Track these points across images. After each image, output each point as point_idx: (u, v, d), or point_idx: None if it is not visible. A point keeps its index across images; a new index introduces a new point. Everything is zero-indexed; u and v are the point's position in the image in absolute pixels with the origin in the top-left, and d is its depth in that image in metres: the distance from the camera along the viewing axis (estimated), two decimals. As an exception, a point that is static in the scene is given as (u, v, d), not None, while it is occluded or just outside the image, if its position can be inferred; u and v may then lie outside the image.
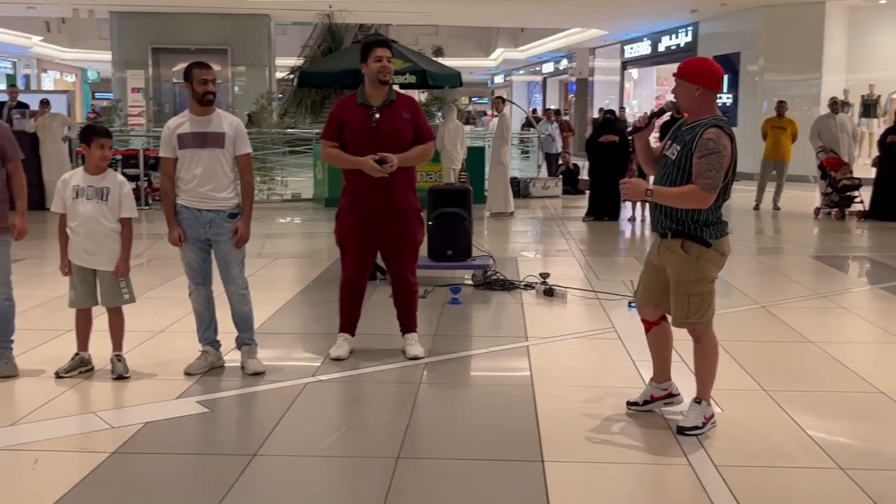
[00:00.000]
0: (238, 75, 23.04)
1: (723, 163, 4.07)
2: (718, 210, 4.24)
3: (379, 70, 5.32)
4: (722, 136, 4.09)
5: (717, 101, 4.27)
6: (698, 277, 4.25)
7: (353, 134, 5.35)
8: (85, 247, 5.11)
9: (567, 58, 34.33)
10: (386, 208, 5.40)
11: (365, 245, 5.53)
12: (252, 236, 5.34)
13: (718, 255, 4.25)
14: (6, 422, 4.51)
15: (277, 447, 4.18)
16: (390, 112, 5.38)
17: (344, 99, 5.61)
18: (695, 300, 4.26)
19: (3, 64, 33.19)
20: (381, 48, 5.37)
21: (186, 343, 5.56)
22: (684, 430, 4.29)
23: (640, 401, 4.69)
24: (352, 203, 5.48)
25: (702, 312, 4.29)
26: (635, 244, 11.58)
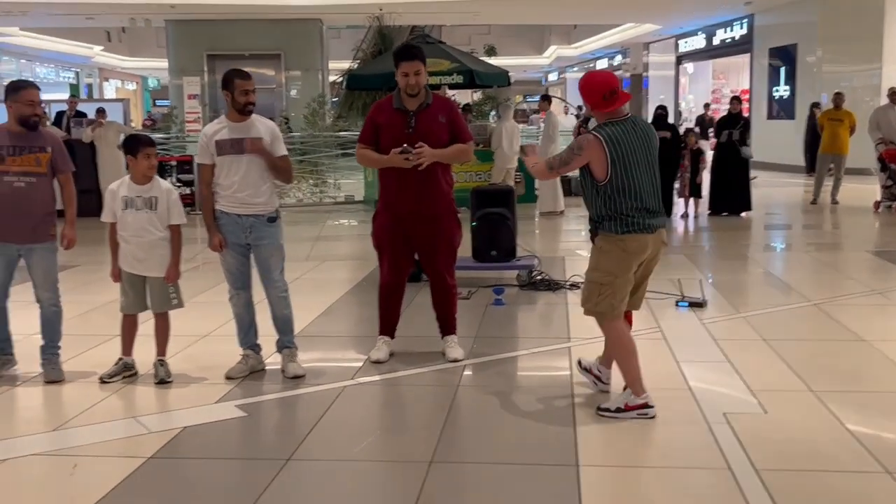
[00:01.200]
0: (292, 80, 23.28)
1: (570, 160, 4.47)
2: (622, 207, 4.40)
3: (405, 85, 5.29)
4: (588, 138, 4.41)
5: (615, 108, 4.47)
6: (595, 265, 4.54)
7: (390, 139, 5.33)
8: (135, 254, 5.19)
9: (621, 53, 34.00)
10: (421, 209, 5.38)
11: (401, 247, 5.51)
12: (301, 239, 5.38)
13: (618, 249, 4.44)
14: (49, 427, 4.60)
15: (312, 451, 4.19)
16: (426, 116, 5.34)
17: (381, 102, 5.58)
18: (590, 287, 4.55)
19: (66, 73, 34.01)
20: (406, 62, 5.28)
21: (229, 347, 5.60)
22: (599, 408, 4.56)
23: (583, 364, 5.00)
24: (387, 204, 5.48)
25: (594, 301, 4.52)
26: (687, 241, 11.39)
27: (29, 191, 5.19)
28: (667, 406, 4.71)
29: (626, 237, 4.40)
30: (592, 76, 4.60)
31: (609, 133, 4.39)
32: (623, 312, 4.60)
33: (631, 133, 4.42)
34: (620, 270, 4.45)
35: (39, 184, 5.23)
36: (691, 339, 6.08)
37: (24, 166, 5.17)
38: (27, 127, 5.19)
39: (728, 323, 6.52)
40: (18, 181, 5.17)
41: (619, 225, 4.40)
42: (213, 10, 20.73)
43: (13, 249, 5.25)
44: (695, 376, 5.18)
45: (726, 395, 4.93)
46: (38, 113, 5.24)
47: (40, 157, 5.21)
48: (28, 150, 5.18)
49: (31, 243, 5.24)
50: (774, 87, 22.02)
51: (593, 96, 4.43)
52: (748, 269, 9.18)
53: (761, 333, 6.12)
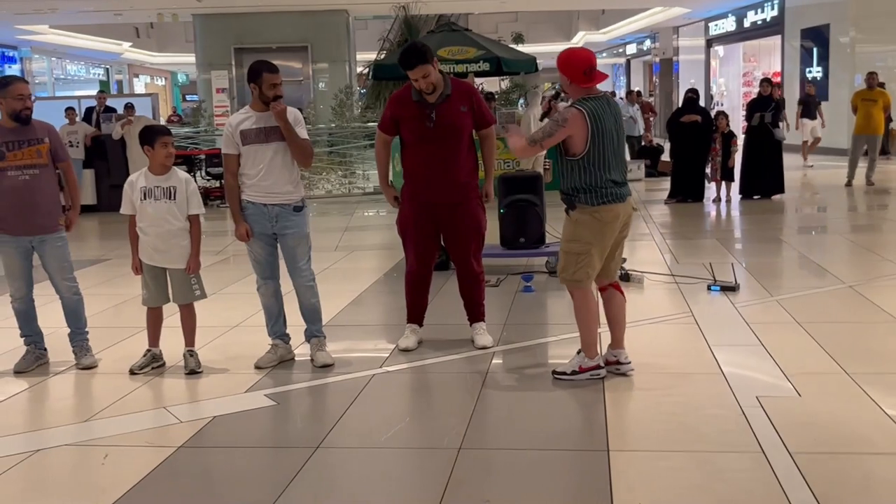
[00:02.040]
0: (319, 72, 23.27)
1: (555, 131, 4.61)
2: (596, 179, 4.63)
3: (420, 89, 5.23)
4: (572, 111, 4.60)
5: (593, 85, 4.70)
6: (572, 237, 4.73)
7: (410, 131, 5.33)
8: (155, 246, 5.21)
9: (650, 38, 33.66)
10: (445, 195, 5.34)
11: (426, 234, 5.48)
12: (330, 230, 5.38)
13: (594, 220, 4.66)
14: (81, 418, 4.64)
15: (341, 439, 4.18)
16: (446, 108, 5.26)
17: (399, 92, 5.48)
18: (567, 258, 4.75)
19: (96, 70, 34.32)
20: (412, 70, 5.17)
21: (259, 337, 5.61)
22: (554, 372, 4.88)
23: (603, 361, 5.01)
24: (411, 191, 5.45)
25: (572, 271, 4.74)
26: (719, 226, 11.26)
27: (34, 183, 5.26)
28: (699, 390, 4.67)
29: (601, 208, 4.65)
30: (574, 52, 4.81)
31: (590, 108, 4.61)
32: (593, 279, 4.84)
33: (606, 109, 4.67)
34: (597, 240, 4.69)
35: (43, 174, 5.30)
36: (724, 323, 6.01)
37: (27, 159, 5.24)
38: (19, 121, 5.24)
39: (761, 306, 6.43)
40: (23, 175, 5.23)
41: (594, 197, 4.64)
42: (240, 4, 20.76)
43: (26, 242, 5.32)
44: (727, 360, 5.11)
45: (760, 378, 4.86)
46: (29, 106, 5.27)
47: (40, 148, 5.28)
48: (27, 144, 5.24)
49: (41, 234, 5.31)
50: (807, 68, 21.70)
51: (575, 71, 4.64)
52: (781, 252, 9.06)
53: (795, 316, 6.02)
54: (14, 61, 28.09)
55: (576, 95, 4.71)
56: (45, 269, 5.42)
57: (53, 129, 5.56)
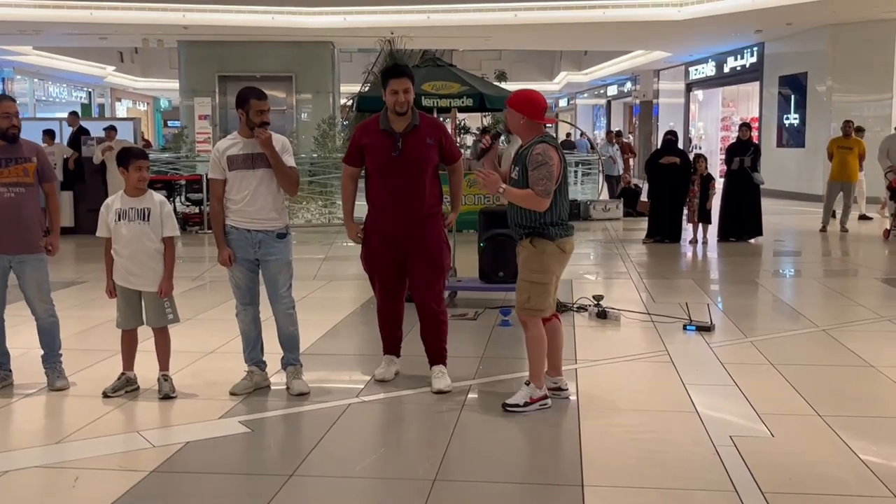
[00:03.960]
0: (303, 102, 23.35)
1: (552, 172, 4.74)
2: (560, 214, 4.86)
3: (395, 103, 5.18)
4: (548, 149, 4.77)
5: (542, 126, 4.96)
6: (541, 268, 4.86)
7: (376, 161, 5.27)
8: (129, 268, 5.19)
9: (631, 80, 34.07)
10: (408, 227, 5.25)
11: (391, 267, 5.38)
12: (309, 259, 5.37)
13: (560, 251, 4.88)
14: (52, 439, 4.59)
15: (315, 467, 4.16)
16: (413, 138, 5.22)
17: (366, 123, 5.48)
18: (536, 288, 4.87)
19: (78, 93, 34.24)
20: (396, 80, 5.19)
21: (234, 364, 5.59)
22: (506, 405, 4.91)
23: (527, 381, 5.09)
24: (374, 223, 5.37)
25: (539, 301, 4.87)
26: (696, 267, 11.35)
27: (19, 201, 5.25)
28: (673, 428, 4.69)
29: (565, 240, 4.90)
30: (533, 92, 5.01)
31: (556, 144, 4.87)
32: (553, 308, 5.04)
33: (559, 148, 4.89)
34: (560, 270, 4.95)
35: (28, 194, 5.30)
36: (699, 363, 6.04)
37: (13, 177, 5.24)
38: (6, 139, 5.25)
39: (736, 347, 6.48)
40: (8, 192, 5.22)
41: (560, 230, 4.86)
42: (226, 32, 20.84)
43: (5, 261, 5.29)
44: (702, 399, 5.14)
45: (733, 418, 4.88)
46: (16, 124, 5.28)
47: (27, 167, 5.28)
48: (14, 162, 5.25)
49: (22, 253, 5.28)
50: (784, 115, 22.02)
51: (535, 110, 4.86)
52: (757, 294, 9.14)
53: (769, 358, 6.08)
54: (-4, 81, 27.99)
55: (528, 135, 4.86)
56: (23, 289, 5.38)
57: (42, 149, 5.57)
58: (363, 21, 20.30)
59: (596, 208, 16.61)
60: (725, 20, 19.35)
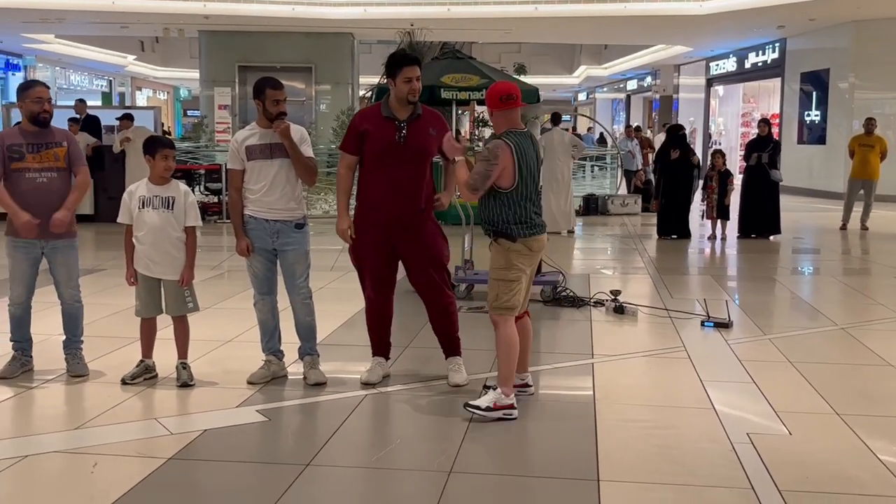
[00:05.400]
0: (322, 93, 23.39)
1: (490, 171, 4.64)
2: (525, 211, 4.72)
3: (408, 91, 5.07)
4: (499, 146, 4.65)
5: (516, 113, 4.78)
6: (507, 265, 4.77)
7: (376, 149, 5.12)
8: (150, 256, 5.22)
9: (651, 75, 33.92)
10: (402, 214, 5.13)
11: (382, 259, 5.25)
12: (326, 249, 5.35)
13: (526, 248, 4.76)
14: (72, 425, 4.63)
15: (331, 457, 4.18)
16: (417, 127, 5.12)
17: (366, 110, 5.43)
18: (502, 286, 4.77)
19: (99, 82, 34.42)
20: (410, 67, 5.08)
21: (252, 353, 5.61)
22: (467, 404, 4.73)
23: (494, 385, 4.94)
24: (365, 217, 5.22)
25: (505, 299, 4.77)
26: (714, 263, 11.31)
27: (51, 185, 5.28)
28: (690, 424, 4.68)
29: (531, 239, 4.77)
30: (497, 84, 4.90)
31: (515, 141, 4.69)
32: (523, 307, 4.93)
33: (528, 144, 4.75)
34: (528, 267, 4.83)
35: (60, 178, 5.32)
36: (716, 359, 6.03)
37: (45, 162, 5.27)
38: (38, 124, 5.28)
39: (753, 344, 6.46)
40: (40, 177, 5.26)
41: (525, 228, 4.74)
42: (246, 22, 20.90)
43: (37, 247, 5.32)
44: (719, 396, 5.13)
45: (750, 415, 4.87)
46: (48, 109, 5.31)
47: (58, 151, 5.32)
48: (45, 147, 5.29)
49: (54, 238, 5.31)
50: (806, 111, 21.88)
51: (493, 99, 4.73)
52: (775, 291, 9.09)
53: (787, 355, 6.05)
54: (18, 69, 28.18)
55: (500, 126, 4.77)
56: (53, 274, 5.42)
57: (72, 134, 5.62)
58: (383, 13, 20.30)
59: (614, 203, 16.55)
60: (747, 15, 19.24)
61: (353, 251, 5.33)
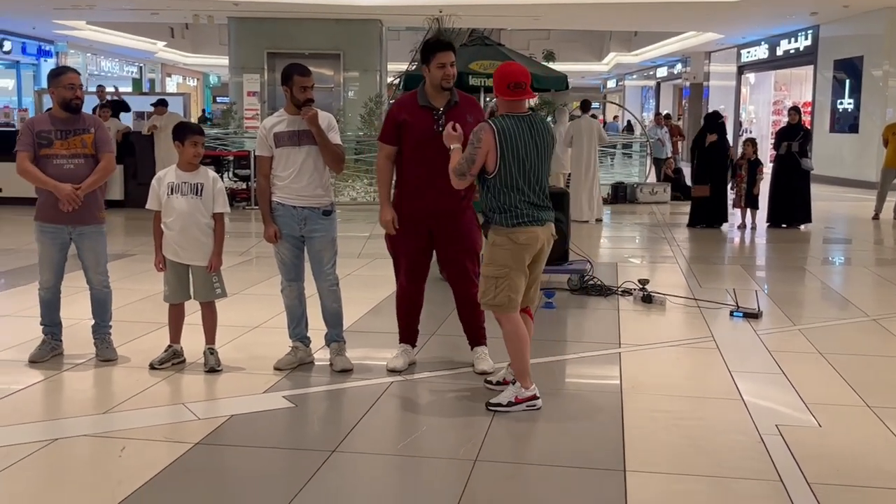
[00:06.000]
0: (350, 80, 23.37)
1: (474, 155, 4.47)
2: (510, 200, 4.50)
3: (442, 77, 5.04)
4: (484, 129, 4.48)
5: (520, 102, 4.59)
6: (489, 260, 4.60)
7: (415, 139, 5.09)
8: (179, 242, 5.24)
9: (682, 62, 33.61)
10: (442, 203, 5.09)
11: (418, 247, 5.25)
12: (353, 237, 5.34)
13: (510, 241, 4.51)
14: (100, 409, 4.67)
15: (357, 444, 4.19)
16: (454, 115, 5.04)
17: (403, 99, 5.40)
18: (486, 282, 4.61)
19: (130, 68, 34.64)
20: (443, 52, 5.05)
21: (279, 339, 5.63)
22: (488, 404, 4.63)
23: (494, 380, 4.99)
24: (405, 207, 5.20)
25: (492, 295, 4.58)
26: (743, 252, 11.20)
27: (78, 172, 5.30)
28: (718, 415, 4.64)
29: (516, 230, 4.51)
30: (506, 66, 4.68)
31: (502, 125, 4.48)
32: (519, 304, 4.65)
33: (525, 129, 4.51)
34: (514, 262, 4.54)
35: (87, 165, 5.34)
36: (745, 350, 5.97)
37: (73, 149, 5.30)
38: (69, 110, 5.31)
39: (783, 335, 6.39)
40: (68, 163, 5.29)
41: (509, 218, 4.51)
42: (275, 9, 20.91)
43: (65, 232, 5.36)
44: (747, 387, 5.07)
45: (780, 406, 4.82)
46: (79, 96, 5.34)
47: (85, 138, 5.34)
48: (73, 133, 5.32)
49: (81, 225, 5.35)
50: (838, 99, 21.58)
51: (500, 84, 4.54)
52: (805, 281, 8.99)
53: (817, 346, 5.98)
54: (50, 55, 28.41)
55: (502, 110, 4.58)
56: (81, 260, 5.47)
57: (100, 121, 5.65)
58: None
59: (643, 191, 16.44)
60: (780, 2, 19.00)
61: (390, 239, 5.32)
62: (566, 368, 5.62)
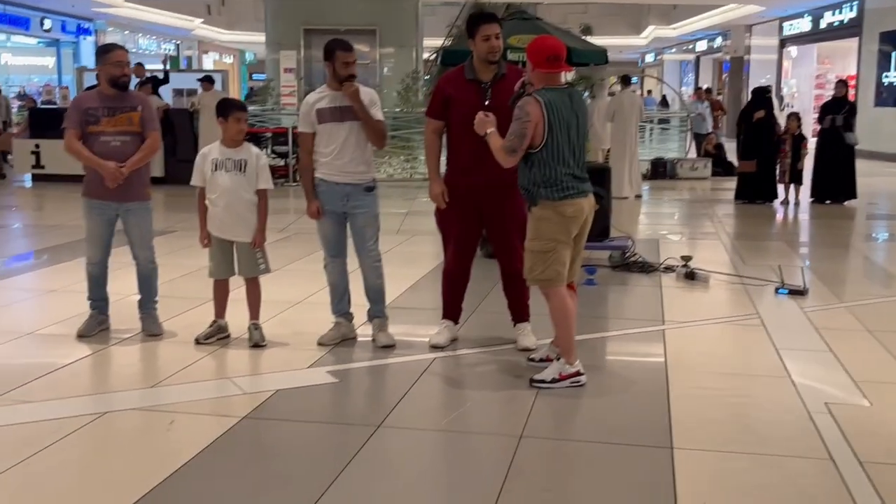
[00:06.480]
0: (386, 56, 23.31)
1: (524, 129, 4.41)
2: (555, 173, 4.48)
3: (488, 50, 4.98)
4: (529, 102, 4.43)
5: (557, 75, 4.55)
6: (534, 235, 4.57)
7: (462, 113, 4.96)
8: (223, 218, 5.27)
9: (722, 35, 33.10)
10: (491, 185, 5.02)
11: (468, 226, 5.23)
12: (391, 213, 5.33)
13: (556, 215, 4.50)
14: (148, 383, 4.72)
15: (402, 419, 4.19)
16: (502, 88, 5.01)
17: (450, 73, 5.33)
18: (533, 257, 4.58)
19: (167, 45, 34.83)
20: (488, 24, 4.99)
21: (321, 314, 5.65)
22: (532, 380, 4.63)
23: (537, 357, 5.00)
24: (456, 178, 5.17)
25: (540, 270, 4.56)
26: (787, 228, 11.05)
27: (124, 150, 5.33)
28: (765, 393, 4.59)
29: (563, 202, 4.49)
30: (542, 39, 4.66)
31: (548, 98, 4.45)
32: (566, 278, 4.63)
33: (566, 101, 4.51)
34: (562, 235, 4.53)
35: (133, 143, 5.37)
36: (791, 327, 5.89)
37: (119, 126, 5.33)
38: (117, 87, 5.34)
39: (830, 312, 6.30)
40: (114, 141, 5.32)
41: (555, 191, 4.49)
42: (312, -16, 20.94)
43: (112, 208, 5.40)
44: (795, 365, 5.01)
45: (828, 384, 4.75)
46: (127, 73, 5.38)
47: (132, 116, 5.37)
48: (121, 111, 5.34)
49: (128, 201, 5.39)
50: (884, 73, 21.15)
51: (538, 56, 4.48)
52: (850, 258, 8.86)
53: (865, 324, 5.89)
54: (89, 33, 28.64)
55: (538, 84, 4.52)
56: (127, 236, 5.52)
57: (147, 99, 5.67)
58: (449, -26, 20.09)
59: (683, 167, 16.26)
60: (824, -27, 18.60)
61: (440, 215, 5.31)
62: (610, 345, 5.59)
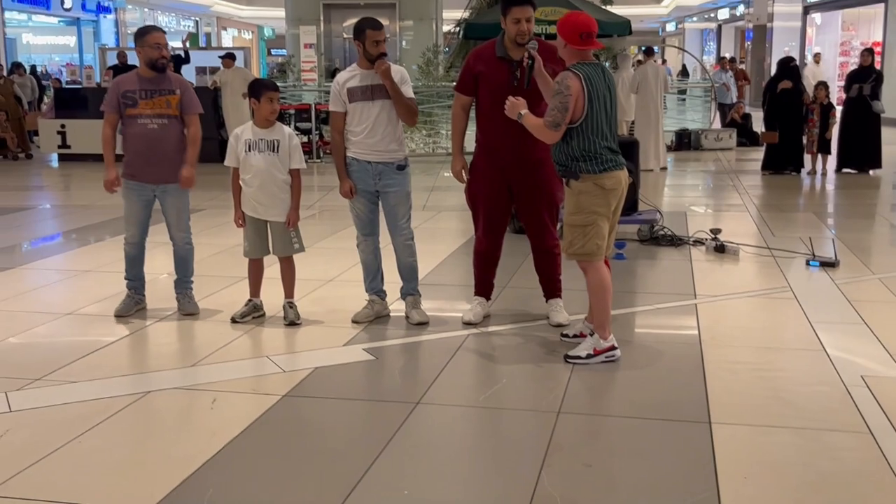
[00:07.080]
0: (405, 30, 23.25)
1: (566, 103, 4.39)
2: (594, 146, 4.48)
3: (517, 34, 4.94)
4: (569, 77, 4.42)
5: (586, 52, 4.52)
6: (575, 209, 4.57)
7: (491, 90, 5.01)
8: (257, 198, 5.30)
9: (744, 3, 32.72)
10: (521, 162, 5.06)
11: (498, 203, 5.23)
12: (416, 189, 5.35)
13: (597, 188, 4.51)
14: (188, 362, 4.78)
15: (440, 396, 4.23)
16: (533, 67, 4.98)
17: (479, 49, 5.30)
18: (573, 231, 4.58)
19: (186, 22, 34.85)
20: (519, 8, 4.94)
21: (353, 292, 5.70)
22: (567, 356, 4.67)
23: (571, 333, 5.05)
24: (486, 155, 5.19)
25: (580, 244, 4.57)
26: (815, 199, 10.98)
27: (162, 132, 5.37)
28: (801, 367, 4.60)
29: (603, 175, 4.51)
30: (575, 15, 4.63)
31: (585, 72, 4.46)
32: (604, 252, 4.67)
33: (600, 75, 4.52)
34: (602, 209, 4.55)
35: (171, 125, 5.41)
36: (824, 300, 5.88)
37: (157, 109, 5.36)
38: (155, 69, 5.36)
39: (862, 284, 6.28)
40: (152, 123, 5.36)
41: (595, 164, 4.50)
42: (331, -41, 20.87)
43: (149, 190, 5.46)
44: (830, 337, 5.01)
45: (864, 357, 4.75)
46: (165, 55, 5.39)
47: (170, 99, 5.39)
48: (158, 93, 5.37)
49: (165, 183, 5.44)
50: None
51: (572, 33, 4.47)
52: (879, 228, 8.80)
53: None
54: (109, 11, 28.71)
55: (570, 60, 4.52)
56: (165, 216, 5.58)
57: (186, 82, 5.68)
58: (469, -55, 19.94)
59: (708, 138, 16.15)
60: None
61: (470, 191, 5.32)
62: (642, 320, 5.59)
